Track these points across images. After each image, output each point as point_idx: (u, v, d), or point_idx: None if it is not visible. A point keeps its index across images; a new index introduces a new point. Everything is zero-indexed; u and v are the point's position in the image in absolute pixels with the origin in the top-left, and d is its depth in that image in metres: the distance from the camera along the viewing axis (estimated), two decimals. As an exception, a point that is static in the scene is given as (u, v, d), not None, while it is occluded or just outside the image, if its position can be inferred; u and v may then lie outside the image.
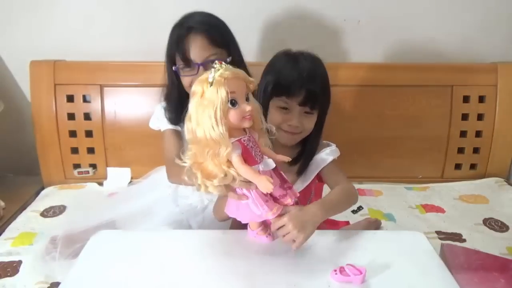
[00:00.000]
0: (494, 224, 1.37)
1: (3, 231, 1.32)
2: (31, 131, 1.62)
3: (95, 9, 1.60)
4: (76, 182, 1.64)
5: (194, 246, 0.84)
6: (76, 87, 1.60)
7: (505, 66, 1.62)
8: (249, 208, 0.76)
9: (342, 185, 0.93)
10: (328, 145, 1.02)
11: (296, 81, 0.89)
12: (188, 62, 1.07)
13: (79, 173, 1.64)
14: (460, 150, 1.68)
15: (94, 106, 1.61)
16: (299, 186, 0.99)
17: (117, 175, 1.64)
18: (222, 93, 0.67)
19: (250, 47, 1.64)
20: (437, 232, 1.32)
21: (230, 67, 0.71)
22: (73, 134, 1.62)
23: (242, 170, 0.70)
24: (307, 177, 0.99)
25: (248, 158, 0.72)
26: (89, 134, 1.63)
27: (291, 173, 0.98)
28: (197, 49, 1.06)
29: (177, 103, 1.16)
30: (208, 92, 0.68)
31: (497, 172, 1.69)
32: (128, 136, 1.61)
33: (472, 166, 1.71)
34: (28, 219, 1.39)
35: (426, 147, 1.67)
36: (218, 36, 1.10)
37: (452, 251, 0.97)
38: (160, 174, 1.36)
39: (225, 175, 0.70)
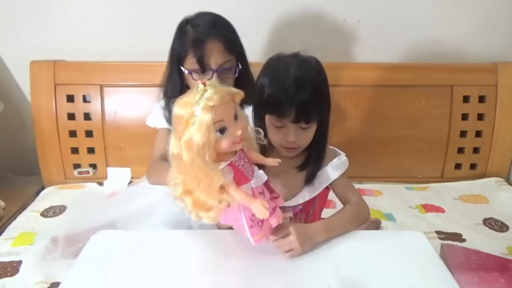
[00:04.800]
0: (494, 224, 1.37)
1: (3, 231, 1.32)
2: (31, 131, 1.63)
3: (95, 9, 1.60)
4: (76, 182, 1.64)
5: (194, 246, 0.84)
6: (76, 87, 1.60)
7: (505, 66, 1.63)
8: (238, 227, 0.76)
9: (352, 204, 0.94)
10: (336, 154, 0.99)
11: (283, 101, 0.84)
12: (204, 67, 1.04)
13: (79, 173, 1.64)
14: (460, 150, 1.68)
15: (94, 106, 1.61)
16: (306, 195, 0.97)
17: (117, 175, 1.64)
18: (207, 122, 0.62)
19: (250, 47, 1.62)
20: (437, 232, 1.32)
21: (216, 85, 0.66)
22: (73, 134, 1.62)
23: (236, 196, 0.68)
24: (315, 188, 0.97)
25: (240, 178, 0.70)
26: (89, 134, 1.63)
27: (299, 180, 0.97)
28: (214, 55, 1.04)
29: None
30: (193, 121, 0.63)
31: (497, 172, 1.69)
32: (128, 136, 1.61)
33: (472, 166, 1.71)
34: (28, 219, 1.39)
35: (426, 147, 1.67)
36: (232, 42, 1.08)
37: (452, 251, 0.97)
38: None
39: (220, 202, 0.68)
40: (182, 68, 1.08)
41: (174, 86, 1.13)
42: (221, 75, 1.05)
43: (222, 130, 0.65)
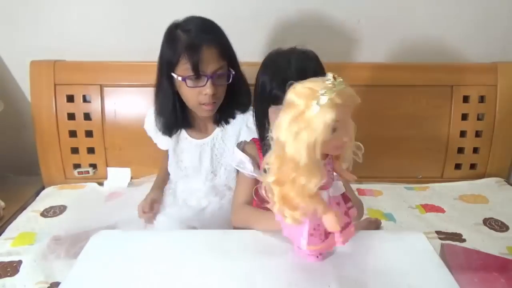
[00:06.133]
0: (494, 224, 1.37)
1: (3, 231, 1.32)
2: (31, 131, 1.63)
3: (95, 9, 1.60)
4: (76, 182, 1.64)
5: (194, 246, 0.84)
6: (76, 87, 1.60)
7: (505, 66, 1.62)
8: (293, 230, 0.73)
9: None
10: None
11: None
12: (198, 74, 1.03)
13: (79, 173, 1.64)
14: (460, 150, 1.68)
15: (94, 106, 1.61)
16: None
17: (117, 175, 1.64)
18: (328, 121, 0.57)
19: (251, 46, 1.64)
20: (437, 232, 1.32)
21: (342, 84, 0.61)
22: (73, 134, 1.62)
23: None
24: None
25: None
26: (89, 134, 1.63)
27: None
28: (209, 61, 1.02)
29: (170, 111, 1.13)
30: (312, 112, 0.58)
31: (497, 172, 1.69)
32: (128, 136, 1.61)
33: (472, 166, 1.71)
34: (28, 219, 1.39)
35: (426, 147, 1.67)
36: (226, 48, 1.07)
37: (452, 251, 0.97)
38: None
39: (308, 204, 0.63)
40: (174, 75, 1.05)
41: (165, 94, 1.12)
42: (215, 82, 1.04)
43: (333, 130, 0.60)
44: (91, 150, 1.64)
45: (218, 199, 1.24)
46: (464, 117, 1.65)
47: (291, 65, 0.87)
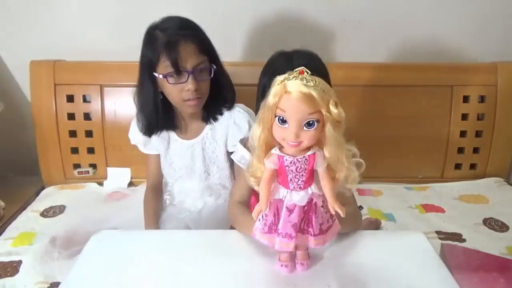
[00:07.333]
0: (494, 224, 1.37)
1: (3, 231, 1.32)
2: (31, 131, 1.63)
3: (95, 9, 1.60)
4: (76, 182, 1.64)
5: (194, 246, 0.84)
6: (76, 87, 1.60)
7: (505, 66, 1.62)
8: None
9: (350, 206, 0.92)
10: None
11: None
12: (178, 70, 1.03)
13: (79, 173, 1.64)
14: (460, 150, 1.68)
15: (94, 106, 1.61)
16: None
17: (117, 175, 1.64)
18: (270, 101, 0.61)
19: (250, 47, 1.64)
20: (437, 232, 1.32)
21: (319, 80, 0.62)
22: (73, 134, 1.62)
23: (261, 183, 0.67)
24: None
25: (282, 179, 0.67)
26: (89, 134, 1.63)
27: None
28: (189, 56, 1.02)
29: (151, 111, 1.14)
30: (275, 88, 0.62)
31: (497, 172, 1.69)
32: (128, 136, 1.61)
33: (472, 166, 1.71)
34: (28, 219, 1.39)
35: (426, 147, 1.67)
36: (205, 43, 1.08)
37: (452, 251, 0.97)
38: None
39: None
40: (156, 74, 1.06)
41: (146, 95, 1.13)
42: (197, 77, 1.05)
43: (283, 120, 0.62)
44: (91, 150, 1.64)
45: (213, 199, 1.24)
46: (464, 117, 1.65)
47: (292, 65, 0.87)
